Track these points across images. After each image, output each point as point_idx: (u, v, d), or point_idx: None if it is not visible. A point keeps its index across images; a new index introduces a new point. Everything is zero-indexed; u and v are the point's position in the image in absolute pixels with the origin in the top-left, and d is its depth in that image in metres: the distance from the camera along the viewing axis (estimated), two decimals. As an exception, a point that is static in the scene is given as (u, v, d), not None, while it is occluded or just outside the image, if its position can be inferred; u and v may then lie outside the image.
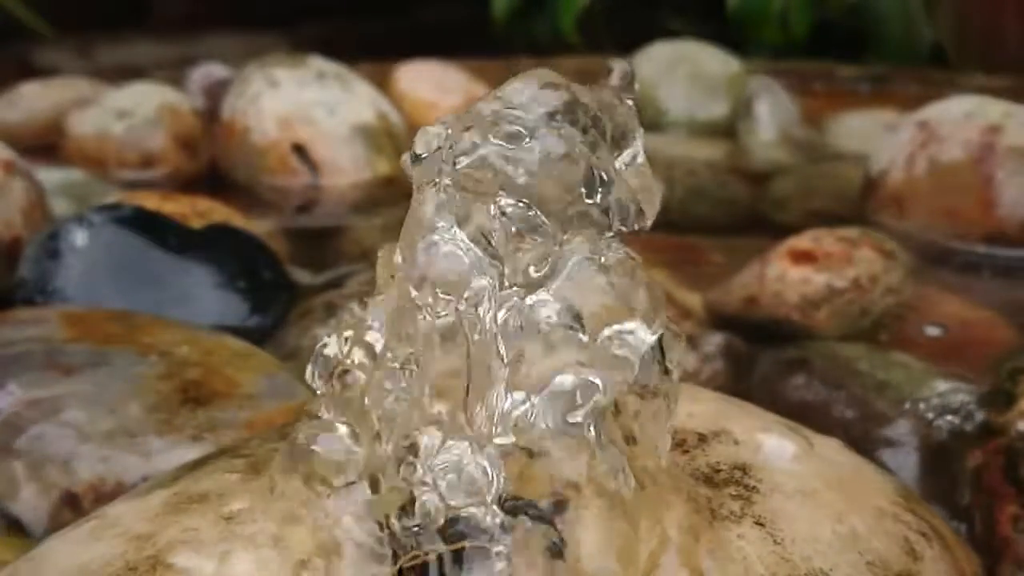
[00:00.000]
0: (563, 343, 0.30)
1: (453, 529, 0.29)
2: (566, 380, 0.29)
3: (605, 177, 0.31)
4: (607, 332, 0.30)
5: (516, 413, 0.29)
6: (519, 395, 0.29)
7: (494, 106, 0.31)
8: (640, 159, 0.33)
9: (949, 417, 0.51)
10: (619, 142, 0.32)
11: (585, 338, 0.30)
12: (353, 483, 0.31)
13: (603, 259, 0.30)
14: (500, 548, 0.29)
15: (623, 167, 0.32)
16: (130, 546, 0.34)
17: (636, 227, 0.32)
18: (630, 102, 0.33)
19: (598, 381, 0.29)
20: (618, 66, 0.34)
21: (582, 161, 0.31)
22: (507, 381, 0.30)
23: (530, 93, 0.31)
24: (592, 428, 0.30)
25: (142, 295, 0.62)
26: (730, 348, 0.61)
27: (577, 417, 0.29)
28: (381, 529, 0.30)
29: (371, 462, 0.31)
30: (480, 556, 0.29)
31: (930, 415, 0.52)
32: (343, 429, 0.32)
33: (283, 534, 0.32)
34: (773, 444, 0.38)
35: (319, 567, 0.31)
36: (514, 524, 0.29)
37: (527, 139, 0.30)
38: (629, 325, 0.30)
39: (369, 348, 0.32)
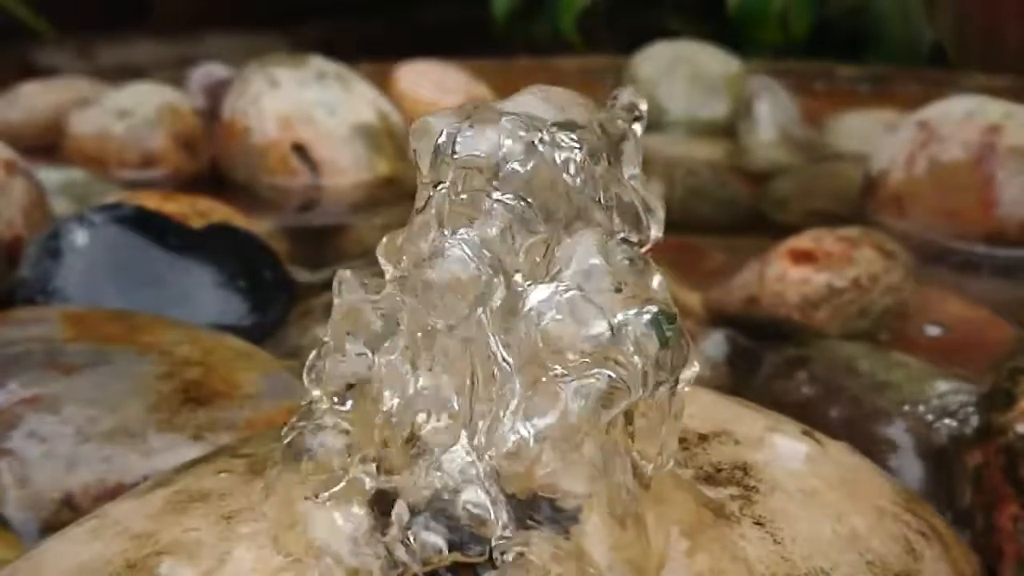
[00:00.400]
0: (569, 347, 0.29)
1: (458, 538, 0.29)
2: (573, 388, 0.29)
3: (609, 191, 0.31)
4: (616, 330, 0.30)
5: (521, 428, 0.29)
6: (522, 424, 0.29)
7: (499, 107, 0.31)
8: (637, 179, 0.33)
9: (949, 417, 0.51)
10: (618, 161, 0.32)
11: (594, 340, 0.29)
12: (353, 484, 0.31)
13: (611, 260, 0.30)
14: (508, 558, 0.29)
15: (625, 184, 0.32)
16: (131, 545, 0.34)
17: (639, 241, 0.32)
18: (635, 127, 0.33)
19: (605, 387, 0.29)
20: (625, 94, 0.33)
21: (585, 169, 0.31)
22: (512, 387, 0.29)
23: (535, 103, 0.31)
24: (598, 438, 0.29)
25: (143, 295, 0.62)
26: (730, 348, 0.61)
27: (583, 426, 0.29)
28: (381, 533, 0.30)
29: (372, 464, 0.31)
30: (487, 568, 0.29)
31: (930, 415, 0.52)
32: (342, 428, 0.32)
33: (282, 535, 0.32)
34: (784, 444, 0.38)
35: (319, 568, 0.31)
36: (522, 534, 0.29)
37: (530, 139, 0.30)
38: (638, 328, 0.30)
39: (370, 343, 0.32)
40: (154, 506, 0.36)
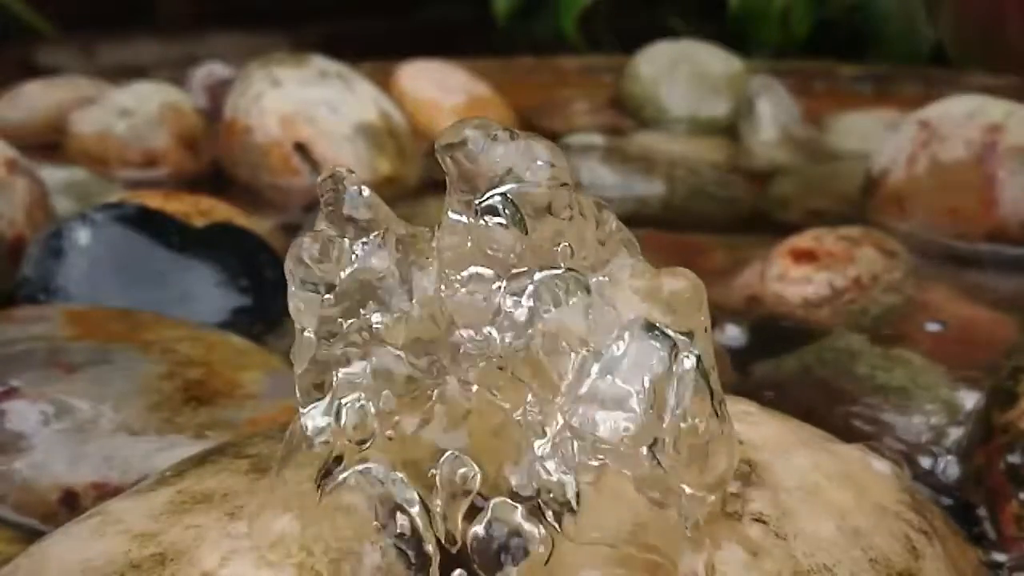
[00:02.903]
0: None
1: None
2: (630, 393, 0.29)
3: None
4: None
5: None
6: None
7: None
8: None
9: (951, 415, 0.51)
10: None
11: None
12: (356, 482, 0.31)
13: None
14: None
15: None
16: (133, 544, 0.34)
17: None
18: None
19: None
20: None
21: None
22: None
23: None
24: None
25: (144, 293, 0.62)
26: (731, 347, 0.61)
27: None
28: (385, 530, 0.30)
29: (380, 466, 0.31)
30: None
31: (932, 413, 0.52)
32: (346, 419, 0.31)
33: (286, 535, 0.32)
34: (786, 442, 0.38)
35: (322, 568, 0.31)
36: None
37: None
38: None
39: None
40: (157, 504, 0.36)
